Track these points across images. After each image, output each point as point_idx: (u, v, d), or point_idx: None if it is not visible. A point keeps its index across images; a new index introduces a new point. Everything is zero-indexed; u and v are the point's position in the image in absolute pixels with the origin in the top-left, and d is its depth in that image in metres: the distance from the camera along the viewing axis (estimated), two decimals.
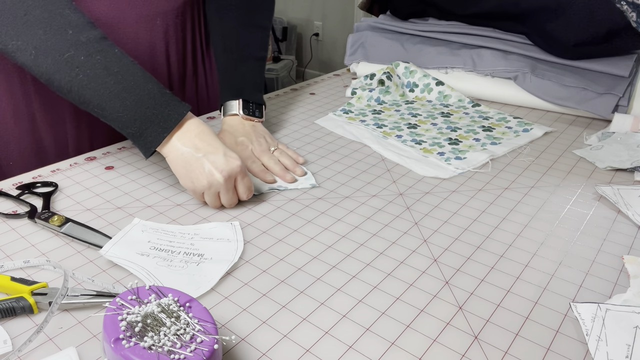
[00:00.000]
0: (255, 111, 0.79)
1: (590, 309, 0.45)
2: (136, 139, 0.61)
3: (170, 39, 0.84)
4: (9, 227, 0.59)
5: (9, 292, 0.48)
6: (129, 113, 0.59)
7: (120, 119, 0.60)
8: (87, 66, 0.58)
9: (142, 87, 0.60)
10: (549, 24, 0.95)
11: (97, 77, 0.58)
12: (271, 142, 0.77)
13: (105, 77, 0.58)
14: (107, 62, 0.59)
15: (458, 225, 0.60)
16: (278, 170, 0.71)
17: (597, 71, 0.92)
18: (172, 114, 0.60)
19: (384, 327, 0.45)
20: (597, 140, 0.82)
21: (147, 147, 0.61)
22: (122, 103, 0.59)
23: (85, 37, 0.58)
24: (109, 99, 0.59)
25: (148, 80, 0.61)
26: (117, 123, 0.60)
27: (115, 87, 0.58)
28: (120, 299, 0.39)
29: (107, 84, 0.58)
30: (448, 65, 1.04)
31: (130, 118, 0.59)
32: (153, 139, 0.60)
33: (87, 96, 0.59)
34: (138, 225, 0.59)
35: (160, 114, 0.60)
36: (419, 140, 0.83)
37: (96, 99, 0.59)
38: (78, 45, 0.58)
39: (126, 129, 0.60)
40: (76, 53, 0.57)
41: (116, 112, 0.59)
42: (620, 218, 0.62)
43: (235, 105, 0.78)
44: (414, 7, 1.16)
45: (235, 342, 0.43)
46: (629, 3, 0.84)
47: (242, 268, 0.53)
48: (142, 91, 0.60)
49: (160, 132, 0.60)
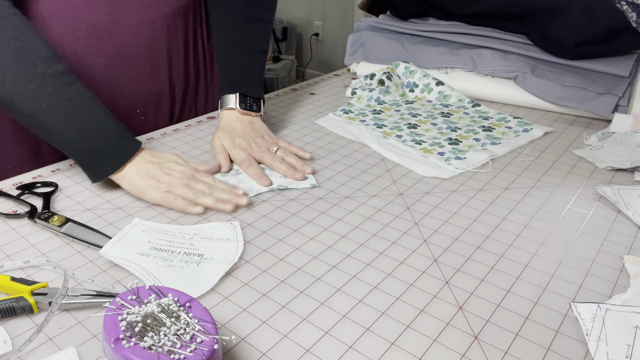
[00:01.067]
0: (252, 105, 0.78)
1: (590, 309, 0.45)
2: (88, 166, 0.65)
3: (172, 42, 0.84)
4: (9, 227, 0.59)
5: (9, 292, 0.48)
6: (86, 143, 0.64)
7: (76, 147, 0.64)
8: (52, 97, 0.62)
9: (101, 120, 0.65)
10: (549, 24, 0.95)
11: (60, 108, 0.62)
12: (270, 140, 0.76)
13: (68, 108, 0.62)
14: (71, 95, 0.63)
15: (458, 225, 0.60)
16: (285, 169, 0.71)
17: (597, 71, 0.92)
18: (128, 146, 0.66)
19: (384, 327, 0.45)
20: (597, 140, 0.82)
21: (99, 174, 0.65)
22: (80, 133, 0.63)
23: (52, 70, 0.62)
24: (68, 129, 0.63)
25: (107, 115, 0.65)
26: (71, 151, 0.64)
27: (76, 119, 0.63)
28: (120, 299, 0.39)
29: (69, 115, 0.62)
30: (448, 65, 1.04)
31: (86, 148, 0.64)
32: (107, 167, 0.64)
33: (47, 124, 0.62)
34: (138, 225, 0.59)
35: (117, 146, 0.65)
36: (419, 140, 0.83)
37: (56, 127, 0.63)
38: (46, 77, 0.62)
39: (80, 157, 0.65)
40: (43, 84, 0.61)
41: (74, 142, 0.64)
42: (620, 218, 0.62)
43: (232, 99, 0.78)
44: (414, 7, 1.16)
45: (235, 342, 0.43)
46: (629, 3, 0.84)
47: (242, 268, 0.53)
48: (101, 124, 0.64)
49: (115, 162, 0.64)
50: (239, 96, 0.78)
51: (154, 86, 0.85)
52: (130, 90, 0.82)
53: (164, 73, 0.85)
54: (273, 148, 0.74)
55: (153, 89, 0.85)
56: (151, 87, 0.84)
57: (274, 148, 0.74)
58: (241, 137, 0.75)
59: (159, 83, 0.85)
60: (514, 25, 1.03)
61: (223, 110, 0.78)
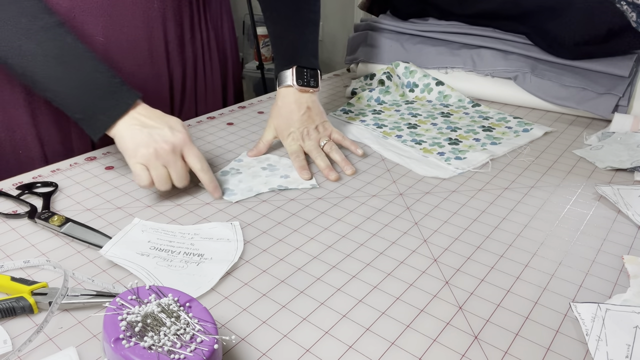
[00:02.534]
0: (310, 80, 0.78)
1: (590, 309, 0.45)
2: (84, 123, 0.64)
3: (168, 24, 0.83)
4: (9, 227, 0.59)
5: (9, 292, 0.48)
6: (77, 100, 0.62)
7: (69, 105, 0.63)
8: (38, 54, 0.60)
9: (91, 77, 0.62)
10: (549, 24, 0.95)
11: (48, 66, 0.60)
12: (323, 131, 0.77)
13: (56, 65, 0.61)
14: (58, 51, 0.61)
15: (458, 225, 0.60)
16: (323, 166, 0.71)
17: (597, 71, 0.92)
18: (120, 102, 0.63)
19: (384, 327, 0.45)
20: (597, 140, 0.82)
21: (94, 132, 0.63)
22: (70, 91, 0.61)
23: (37, 26, 0.60)
24: (58, 86, 0.61)
25: (97, 70, 0.63)
26: (66, 108, 0.63)
27: (64, 76, 0.61)
28: (120, 298, 0.39)
29: (57, 72, 0.61)
30: (448, 65, 1.04)
31: (78, 105, 0.62)
32: (101, 124, 0.62)
33: (38, 82, 0.61)
34: (138, 225, 0.59)
35: (108, 104, 0.62)
36: (419, 140, 0.83)
37: (47, 85, 0.61)
38: (30, 33, 0.60)
39: (74, 114, 0.63)
40: (28, 41, 0.60)
41: (65, 99, 0.62)
42: (620, 218, 0.62)
43: (289, 76, 0.77)
44: (414, 7, 1.16)
45: (235, 342, 0.43)
46: (629, 3, 0.84)
47: (242, 268, 0.53)
48: (90, 81, 0.62)
49: (106, 120, 0.62)
50: (295, 70, 0.77)
51: (152, 68, 0.84)
52: (128, 70, 0.80)
53: (161, 55, 0.85)
54: (322, 141, 0.75)
55: (151, 71, 0.84)
56: (149, 69, 0.84)
57: (323, 141, 0.75)
58: (296, 127, 0.75)
59: (157, 66, 0.85)
60: (514, 25, 1.03)
61: (281, 87, 0.78)
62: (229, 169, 0.73)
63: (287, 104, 0.77)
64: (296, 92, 0.77)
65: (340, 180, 0.71)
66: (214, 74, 0.97)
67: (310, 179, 0.70)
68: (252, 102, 1.01)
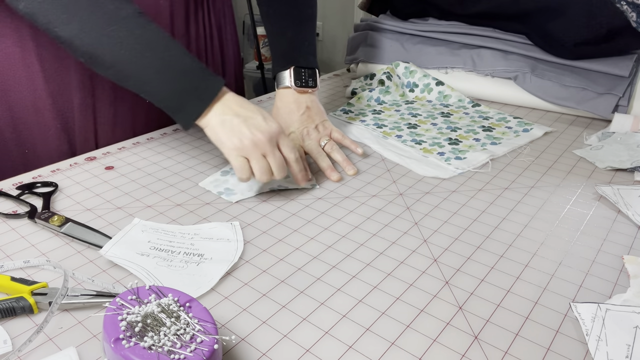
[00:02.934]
0: (308, 80, 0.77)
1: (590, 309, 0.45)
2: (176, 112, 0.62)
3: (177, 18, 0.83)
4: (9, 227, 0.59)
5: (9, 292, 0.48)
6: (169, 87, 0.60)
7: (160, 93, 0.61)
8: (129, 41, 0.58)
9: (181, 62, 0.61)
10: (549, 24, 0.95)
11: (138, 53, 0.59)
12: (323, 131, 0.76)
13: (146, 52, 0.59)
14: (147, 38, 0.60)
15: (458, 225, 0.60)
16: (325, 166, 0.71)
17: (597, 71, 0.92)
18: (209, 86, 0.62)
19: (384, 327, 0.45)
20: (597, 140, 0.82)
21: (186, 119, 0.62)
22: (162, 78, 0.60)
23: (125, 12, 0.59)
24: (150, 74, 0.60)
25: (185, 55, 0.62)
26: (157, 97, 0.61)
27: (155, 63, 0.60)
28: (120, 299, 0.39)
29: (147, 59, 0.59)
30: (448, 65, 1.04)
31: (170, 92, 0.61)
32: (193, 111, 0.61)
33: (128, 71, 0.60)
34: (138, 225, 0.59)
35: (199, 87, 0.61)
36: (419, 140, 0.83)
37: (137, 74, 0.60)
38: (119, 20, 0.58)
39: (166, 102, 0.61)
40: (118, 28, 0.58)
41: (157, 87, 0.61)
42: (620, 218, 0.62)
43: (287, 77, 0.77)
44: (414, 7, 1.16)
45: (235, 342, 0.43)
46: (629, 3, 0.84)
47: (242, 268, 0.53)
48: (180, 66, 0.61)
49: (199, 104, 0.61)
50: (293, 71, 0.76)
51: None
52: None
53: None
54: (323, 141, 0.74)
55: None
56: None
57: (323, 141, 0.74)
58: (296, 127, 0.75)
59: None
60: (514, 25, 1.03)
61: (279, 88, 0.78)
62: (229, 168, 0.73)
63: (286, 105, 0.77)
64: (295, 93, 0.77)
65: (341, 180, 0.71)
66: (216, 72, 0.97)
67: (309, 181, 0.69)
68: (252, 102, 1.01)
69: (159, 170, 0.72)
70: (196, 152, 0.78)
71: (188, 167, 0.74)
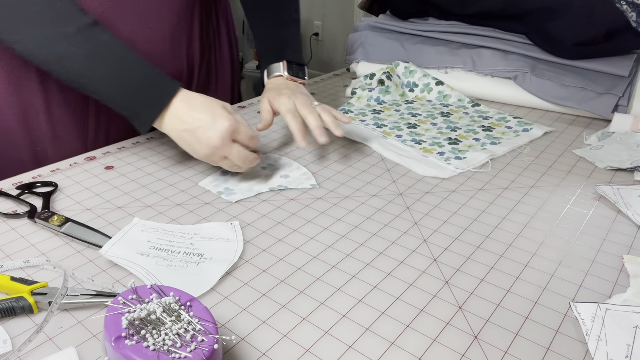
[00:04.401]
0: (298, 73, 0.82)
1: (590, 309, 0.45)
2: (132, 119, 0.66)
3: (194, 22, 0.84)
4: (9, 227, 0.59)
5: (9, 292, 0.48)
6: (122, 97, 0.64)
7: (116, 102, 0.64)
8: (79, 57, 0.61)
9: (132, 72, 0.63)
10: (549, 24, 0.95)
11: (90, 67, 0.62)
12: (313, 100, 0.79)
13: (97, 65, 0.62)
14: (98, 51, 0.62)
15: (458, 225, 0.60)
16: (315, 125, 0.72)
17: (597, 71, 0.92)
18: (161, 95, 0.64)
19: (384, 327, 0.45)
20: (597, 140, 0.82)
21: (142, 126, 0.65)
22: (114, 89, 0.63)
23: (74, 28, 0.60)
24: (102, 86, 0.63)
25: (137, 64, 0.64)
26: (114, 106, 0.65)
27: (106, 74, 0.62)
28: (122, 298, 0.39)
29: (99, 72, 0.62)
30: (448, 65, 1.04)
31: (124, 102, 0.64)
32: (146, 119, 0.64)
33: (84, 84, 0.63)
34: (138, 225, 0.59)
35: (150, 96, 0.64)
36: (419, 140, 0.83)
37: (92, 87, 0.63)
38: (68, 37, 0.60)
39: (122, 111, 0.65)
40: (68, 45, 0.60)
41: (111, 97, 0.64)
42: (620, 218, 0.62)
43: (280, 67, 0.81)
44: (414, 7, 1.16)
45: (236, 342, 0.43)
46: (629, 3, 0.84)
47: (242, 268, 0.53)
48: (131, 76, 0.63)
49: (150, 113, 0.64)
50: (286, 64, 0.81)
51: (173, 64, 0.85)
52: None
53: (183, 52, 0.85)
54: (314, 103, 0.77)
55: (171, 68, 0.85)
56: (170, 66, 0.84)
57: (315, 103, 0.77)
58: (287, 89, 0.78)
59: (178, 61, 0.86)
60: (514, 25, 1.03)
61: (271, 78, 0.81)
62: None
63: (276, 85, 0.80)
64: (286, 80, 0.81)
65: (340, 180, 0.71)
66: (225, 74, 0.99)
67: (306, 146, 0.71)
68: (252, 102, 1.01)
69: (159, 170, 0.72)
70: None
71: (188, 167, 0.74)
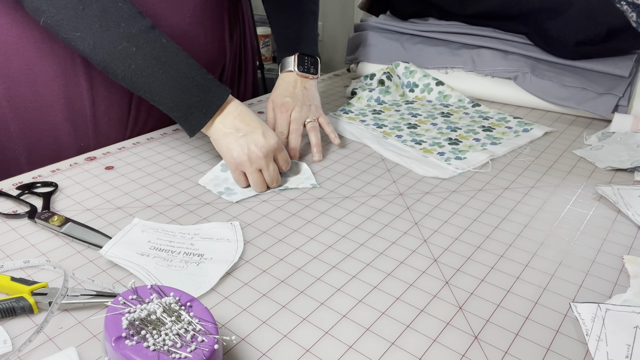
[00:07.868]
0: (310, 67, 0.83)
1: (590, 309, 0.45)
2: (182, 121, 0.66)
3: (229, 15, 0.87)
4: (9, 227, 0.59)
5: (9, 292, 0.48)
6: (176, 99, 0.64)
7: (168, 104, 0.65)
8: (138, 57, 0.62)
9: (187, 76, 0.64)
10: (549, 24, 0.95)
11: (147, 67, 0.63)
12: (314, 112, 0.80)
13: (155, 66, 0.63)
14: (156, 53, 0.63)
15: (458, 225, 0.60)
16: (293, 146, 0.76)
17: (597, 71, 0.92)
18: (213, 100, 0.65)
19: (384, 327, 0.45)
20: (597, 140, 0.82)
21: (191, 129, 0.66)
22: (169, 91, 0.64)
23: (136, 29, 0.62)
24: (157, 87, 0.64)
25: (192, 67, 0.65)
26: (165, 107, 0.66)
27: (163, 76, 0.63)
28: (122, 298, 0.39)
29: (156, 74, 0.63)
30: (448, 65, 1.04)
31: (176, 104, 0.65)
32: (197, 122, 0.65)
33: (138, 84, 0.64)
34: (138, 225, 0.59)
35: (203, 101, 0.65)
36: (419, 140, 0.83)
37: (147, 87, 0.64)
38: (130, 37, 0.62)
39: (173, 112, 0.66)
40: (128, 45, 0.62)
41: (164, 99, 0.64)
42: (620, 218, 0.62)
43: (291, 62, 0.83)
44: (414, 7, 1.16)
45: (236, 342, 0.43)
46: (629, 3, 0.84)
47: (242, 268, 0.53)
48: (187, 79, 0.64)
49: (202, 117, 0.65)
50: (297, 58, 0.82)
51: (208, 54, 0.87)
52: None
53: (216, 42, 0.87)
54: (309, 119, 0.79)
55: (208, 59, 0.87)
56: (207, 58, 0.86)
57: (309, 119, 0.79)
58: (291, 97, 0.79)
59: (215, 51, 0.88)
60: (514, 25, 1.03)
61: (283, 72, 0.83)
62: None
63: (286, 82, 0.82)
64: (296, 76, 0.82)
65: (340, 180, 0.71)
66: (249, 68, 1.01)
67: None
68: (252, 102, 1.01)
69: (159, 170, 0.72)
70: (196, 152, 0.78)
71: (188, 167, 0.74)
